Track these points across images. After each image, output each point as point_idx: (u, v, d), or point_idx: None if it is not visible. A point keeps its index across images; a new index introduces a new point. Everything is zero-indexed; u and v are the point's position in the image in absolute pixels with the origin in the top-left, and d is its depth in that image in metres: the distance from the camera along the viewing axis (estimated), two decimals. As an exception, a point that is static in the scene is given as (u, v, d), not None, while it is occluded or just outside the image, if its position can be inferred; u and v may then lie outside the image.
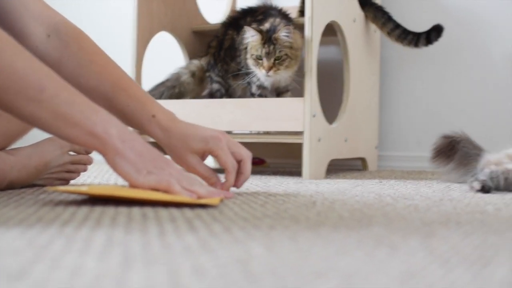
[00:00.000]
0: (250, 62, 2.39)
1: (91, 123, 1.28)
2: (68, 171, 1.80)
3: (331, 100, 2.69)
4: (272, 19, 2.43)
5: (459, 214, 1.29)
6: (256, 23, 2.48)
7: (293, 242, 0.91)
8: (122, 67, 1.60)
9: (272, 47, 2.31)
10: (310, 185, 1.98)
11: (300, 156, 2.31)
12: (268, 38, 2.32)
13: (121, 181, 1.35)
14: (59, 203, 1.35)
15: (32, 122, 1.28)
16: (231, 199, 1.49)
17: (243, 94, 2.56)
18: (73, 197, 1.47)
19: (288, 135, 2.37)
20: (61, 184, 1.80)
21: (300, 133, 2.29)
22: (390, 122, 3.04)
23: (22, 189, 1.66)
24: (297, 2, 2.88)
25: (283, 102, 2.34)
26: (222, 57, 2.64)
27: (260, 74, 2.36)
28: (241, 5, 3.11)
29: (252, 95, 2.48)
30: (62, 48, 1.54)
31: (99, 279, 0.67)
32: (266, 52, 2.32)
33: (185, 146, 1.53)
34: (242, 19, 2.61)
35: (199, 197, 1.35)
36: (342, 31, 2.49)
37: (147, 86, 2.61)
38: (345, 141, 2.53)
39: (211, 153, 1.56)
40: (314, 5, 2.28)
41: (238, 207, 1.35)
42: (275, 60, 2.32)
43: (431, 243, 0.93)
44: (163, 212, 1.22)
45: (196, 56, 2.82)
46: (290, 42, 2.32)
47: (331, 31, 2.49)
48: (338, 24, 2.46)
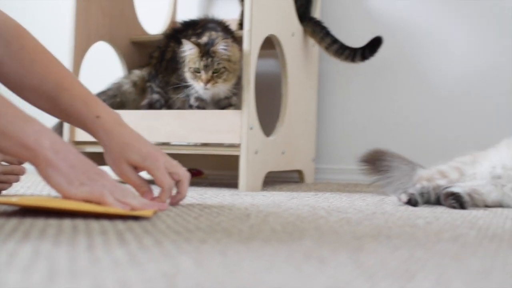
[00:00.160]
0: (188, 75, 2.38)
1: (23, 134, 1.26)
2: (0, 182, 1.77)
3: (269, 113, 2.70)
4: (210, 32, 2.43)
5: (390, 228, 1.31)
6: (195, 36, 2.47)
7: (223, 256, 0.91)
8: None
9: (210, 60, 2.31)
10: (246, 197, 1.98)
11: (237, 168, 2.31)
12: (206, 51, 2.32)
13: (54, 193, 1.33)
14: (-13, 215, 1.32)
15: None
16: (165, 211, 1.48)
17: (182, 107, 2.55)
18: (3, 208, 1.44)
19: (226, 147, 2.37)
20: (-8, 194, 1.76)
21: (237, 145, 2.30)
22: (327, 135, 3.07)
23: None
24: (237, 14, 2.89)
25: (220, 114, 2.34)
26: (163, 68, 2.63)
27: (198, 87, 2.35)
28: (181, 17, 3.11)
29: (190, 106, 2.47)
30: (2, 47, 1.51)
31: (20, 294, 0.65)
32: (204, 65, 2.32)
33: (122, 155, 1.53)
34: (184, 31, 2.60)
35: (133, 209, 1.34)
36: (281, 45, 2.51)
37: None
38: (282, 153, 2.54)
39: (147, 171, 1.56)
40: (253, 19, 2.29)
41: (172, 219, 1.34)
42: (213, 73, 2.32)
43: (359, 257, 0.94)
44: (94, 224, 1.20)
45: (138, 66, 2.80)
46: (228, 55, 2.32)
47: (270, 44, 2.50)
48: (276, 37, 2.47)
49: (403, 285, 0.75)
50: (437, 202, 1.85)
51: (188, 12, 3.16)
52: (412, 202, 1.81)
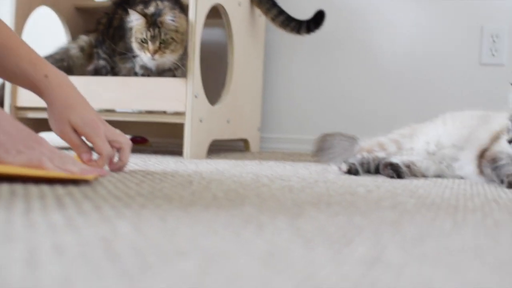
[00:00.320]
0: (135, 45, 2.35)
1: None
2: None
3: (215, 81, 2.69)
4: (157, 2, 2.39)
5: (331, 195, 1.32)
6: (143, 4, 2.44)
7: (162, 222, 0.91)
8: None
9: (157, 30, 2.28)
10: (190, 165, 1.98)
11: (182, 136, 2.30)
12: (153, 22, 2.29)
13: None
14: None
15: None
16: (106, 177, 1.46)
17: (129, 75, 2.52)
18: None
19: (170, 115, 2.36)
20: None
21: (182, 113, 2.28)
22: (273, 104, 3.08)
23: None
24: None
25: (165, 82, 2.32)
26: (110, 35, 2.59)
27: (145, 58, 2.33)
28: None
29: (135, 74, 2.44)
30: None
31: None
32: (151, 36, 2.29)
33: (65, 115, 1.53)
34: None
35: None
36: (227, 14, 2.49)
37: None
38: (228, 122, 2.54)
39: (86, 138, 1.55)
40: (199, -13, 2.27)
41: (113, 185, 1.33)
42: (160, 43, 2.29)
43: (298, 222, 0.95)
44: (33, 189, 1.18)
45: (83, 33, 2.75)
46: (176, 26, 2.30)
47: (217, 14, 2.48)
48: (223, 7, 2.46)
49: (339, 250, 0.76)
50: (377, 172, 1.88)
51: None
52: (352, 171, 1.84)
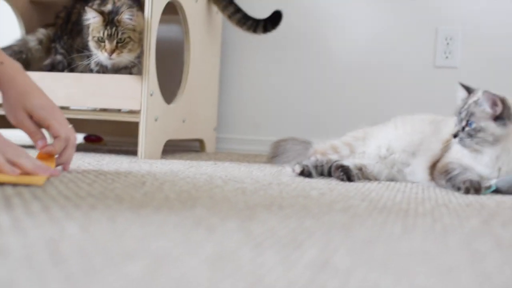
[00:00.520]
0: (92, 44, 2.31)
1: None
2: None
3: (171, 79, 2.67)
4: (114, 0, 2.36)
5: (284, 198, 1.32)
6: (100, 0, 2.41)
7: (111, 223, 0.90)
8: None
9: (114, 29, 2.25)
10: (144, 165, 1.96)
11: (137, 134, 2.28)
12: (110, 20, 2.26)
13: None
14: None
15: None
16: (58, 177, 1.44)
17: (86, 71, 2.48)
18: None
19: (125, 114, 2.33)
20: None
21: (137, 111, 2.26)
22: (230, 104, 3.07)
23: None
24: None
25: (120, 79, 2.29)
26: (68, 30, 2.55)
27: (102, 57, 2.29)
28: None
29: (90, 70, 2.41)
30: None
31: None
32: (108, 34, 2.25)
33: (21, 101, 1.52)
34: None
35: (25, 172, 1.30)
36: (184, 11, 2.48)
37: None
38: (183, 121, 2.53)
39: (42, 122, 1.54)
40: (155, -17, 2.25)
41: (64, 185, 1.31)
42: (117, 42, 2.27)
43: (249, 225, 0.95)
44: (-20, 188, 1.16)
45: (38, 27, 2.71)
46: (133, 25, 2.26)
47: (174, 10, 2.47)
48: (179, 3, 2.44)
49: (289, 253, 0.76)
50: (330, 174, 1.89)
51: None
52: (305, 173, 1.84)
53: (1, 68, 1.51)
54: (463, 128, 1.68)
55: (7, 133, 1.76)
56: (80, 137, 3.13)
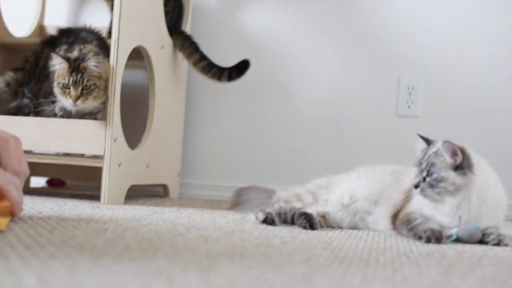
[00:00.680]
0: (57, 90, 2.30)
1: None
2: None
3: (135, 125, 2.67)
4: (82, 45, 2.36)
5: (246, 247, 1.32)
6: (67, 45, 2.41)
7: (70, 273, 0.89)
8: None
9: (80, 76, 2.24)
10: (106, 211, 1.95)
11: (101, 179, 2.26)
12: (76, 67, 2.25)
13: None
14: None
15: None
16: (18, 223, 1.43)
17: (50, 116, 2.46)
18: None
19: (88, 158, 2.32)
20: None
21: (100, 156, 2.25)
22: (195, 150, 3.07)
23: None
24: (108, 22, 2.84)
25: (84, 124, 2.28)
26: (37, 74, 2.53)
27: (67, 103, 2.27)
28: (49, 21, 3.03)
29: (54, 115, 2.40)
30: None
31: None
32: (73, 81, 2.25)
33: None
34: (58, 39, 2.52)
35: None
36: (149, 57, 2.49)
37: None
38: (147, 167, 2.52)
39: None
40: (121, 28, 2.25)
41: (24, 232, 1.30)
42: (82, 89, 2.26)
43: (209, 276, 0.94)
44: None
45: (13, 69, 2.69)
46: (99, 72, 2.26)
47: (140, 56, 2.48)
48: (145, 49, 2.45)
49: (247, 307, 0.76)
50: (293, 222, 1.89)
51: (57, 16, 3.09)
52: (268, 221, 1.84)
53: None
54: (424, 179, 1.71)
55: None
56: (42, 181, 3.11)
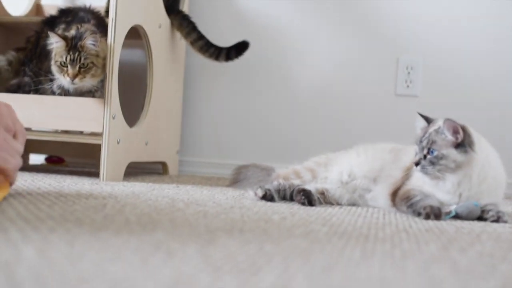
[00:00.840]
0: (54, 68, 2.29)
1: None
2: None
3: (134, 103, 2.66)
4: (79, 24, 2.35)
5: (245, 222, 1.32)
6: (66, 24, 2.40)
7: (69, 247, 0.89)
8: None
9: (77, 54, 2.24)
10: (105, 187, 1.95)
11: (99, 157, 2.26)
12: (73, 45, 2.24)
13: None
14: None
15: None
16: (17, 197, 1.43)
17: (48, 94, 2.46)
18: None
19: (87, 136, 2.32)
20: None
21: (99, 134, 2.25)
22: (193, 128, 3.07)
23: None
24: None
25: (83, 101, 2.28)
26: (37, 53, 2.52)
27: (65, 81, 2.27)
28: (46, 1, 3.02)
29: (52, 93, 2.39)
30: None
31: None
32: (71, 59, 2.24)
33: None
34: (58, 18, 2.51)
35: None
36: (147, 36, 2.48)
37: None
38: (146, 144, 2.52)
39: None
40: (118, 7, 2.23)
41: (23, 206, 1.30)
42: (80, 67, 2.25)
43: (208, 250, 0.94)
44: None
45: (15, 49, 2.68)
46: (97, 51, 2.25)
47: (137, 34, 2.47)
48: (143, 28, 2.44)
49: (247, 279, 0.76)
50: (293, 199, 1.89)
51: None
52: (267, 197, 1.85)
53: None
54: (424, 156, 1.71)
55: None
56: (41, 158, 3.11)
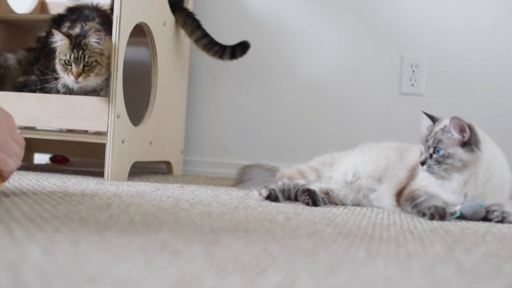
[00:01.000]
0: (59, 67, 2.29)
1: None
2: None
3: (138, 101, 2.66)
4: (84, 22, 2.34)
5: (250, 222, 1.32)
6: (71, 22, 2.40)
7: (74, 246, 0.89)
8: None
9: (81, 52, 2.23)
10: (110, 187, 1.95)
11: (104, 156, 2.26)
12: (77, 43, 2.24)
13: None
14: None
15: None
16: (22, 197, 1.43)
17: (53, 93, 2.46)
18: None
19: (92, 135, 2.32)
20: None
21: (103, 133, 2.25)
22: (197, 127, 3.07)
23: None
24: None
25: (87, 100, 2.28)
26: (46, 52, 2.52)
27: (69, 80, 2.27)
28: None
29: (57, 92, 2.39)
30: None
31: None
32: (74, 58, 2.23)
33: None
34: (66, 16, 2.51)
35: None
36: (151, 33, 2.48)
37: None
38: (150, 143, 2.52)
39: None
40: (123, 5, 2.23)
41: (28, 206, 1.30)
42: (84, 66, 2.25)
43: (213, 250, 0.94)
44: None
45: (25, 48, 2.68)
46: (101, 49, 2.24)
47: (142, 32, 2.47)
48: (147, 25, 2.44)
49: (252, 279, 0.76)
50: (297, 199, 1.89)
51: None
52: (272, 197, 1.84)
53: None
54: (430, 156, 1.70)
55: None
56: (46, 158, 3.11)
